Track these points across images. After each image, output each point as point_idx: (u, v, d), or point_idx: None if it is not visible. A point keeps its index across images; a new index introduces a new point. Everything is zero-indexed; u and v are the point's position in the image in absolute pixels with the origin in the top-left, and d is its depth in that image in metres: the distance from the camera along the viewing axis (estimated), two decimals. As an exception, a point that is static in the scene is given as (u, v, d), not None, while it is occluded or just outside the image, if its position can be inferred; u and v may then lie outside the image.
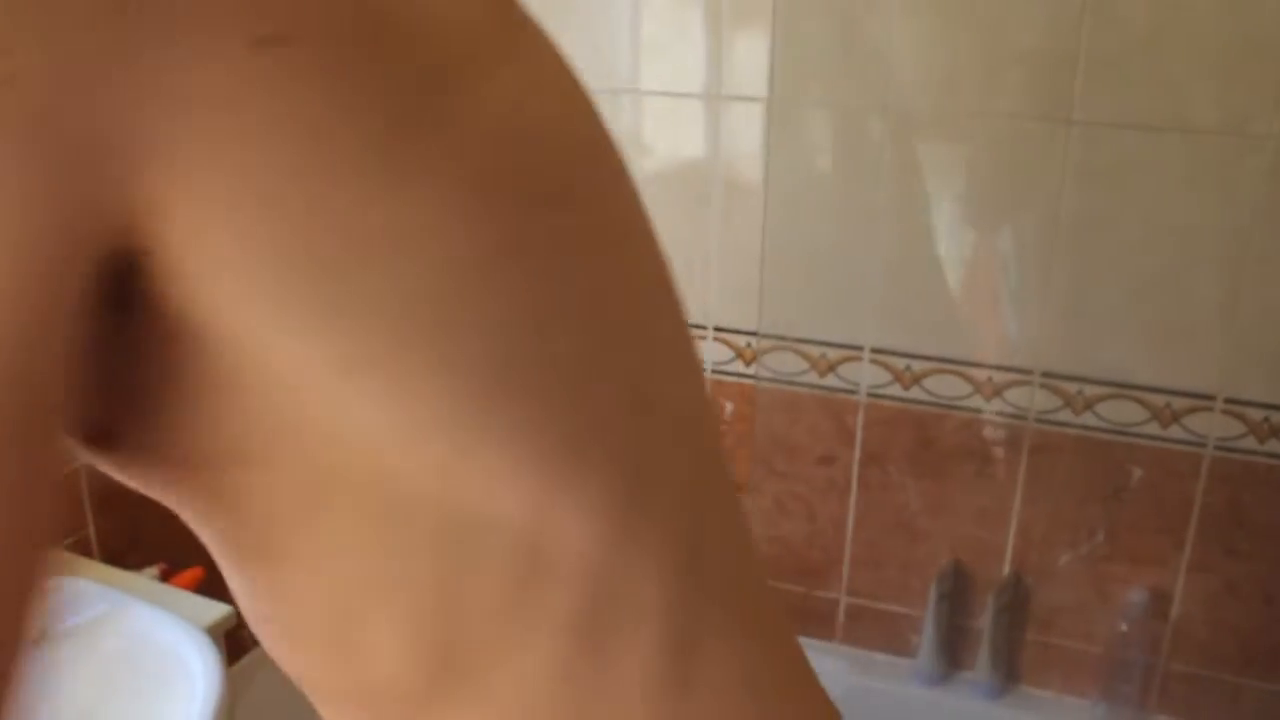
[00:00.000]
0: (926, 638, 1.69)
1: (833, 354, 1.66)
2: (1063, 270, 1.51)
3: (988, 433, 1.62)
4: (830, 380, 1.67)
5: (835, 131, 1.61)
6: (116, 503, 1.42)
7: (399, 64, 0.28)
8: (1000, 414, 1.60)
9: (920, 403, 1.63)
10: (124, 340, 0.28)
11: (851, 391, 1.66)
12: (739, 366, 1.72)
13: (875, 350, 1.63)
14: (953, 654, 1.72)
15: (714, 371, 1.72)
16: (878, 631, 1.78)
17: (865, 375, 1.65)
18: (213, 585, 1.52)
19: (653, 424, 0.37)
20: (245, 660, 1.47)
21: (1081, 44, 1.41)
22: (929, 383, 1.62)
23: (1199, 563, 1.56)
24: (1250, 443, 1.49)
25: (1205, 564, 1.55)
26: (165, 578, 1.38)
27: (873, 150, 1.56)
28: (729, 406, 1.74)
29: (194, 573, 1.39)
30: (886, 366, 1.63)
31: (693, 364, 0.42)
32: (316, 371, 0.28)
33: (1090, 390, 1.55)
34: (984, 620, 1.67)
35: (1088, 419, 1.55)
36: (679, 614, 0.36)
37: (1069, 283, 1.51)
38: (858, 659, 1.76)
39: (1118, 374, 1.53)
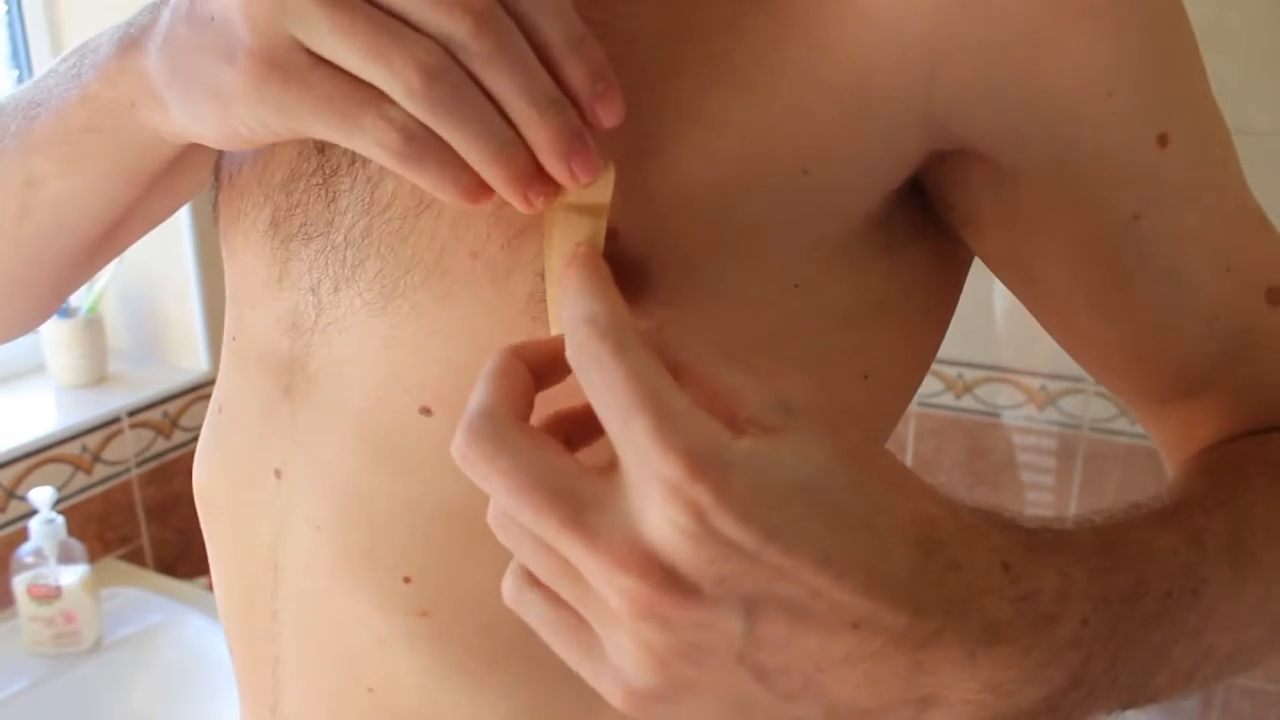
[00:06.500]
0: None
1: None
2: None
3: (1041, 442, 1.59)
4: (879, 389, 1.65)
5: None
6: (169, 513, 1.43)
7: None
8: (1054, 423, 1.58)
9: (972, 411, 1.61)
10: None
11: (901, 400, 1.64)
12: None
13: (925, 358, 1.61)
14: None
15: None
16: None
17: (915, 384, 1.63)
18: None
19: None
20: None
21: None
22: (981, 391, 1.60)
23: (1261, 574, 1.52)
24: (1314, 451, 1.45)
25: (1267, 575, 1.52)
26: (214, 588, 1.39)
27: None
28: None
29: (245, 583, 1.39)
30: (938, 375, 1.61)
31: None
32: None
33: (1147, 398, 1.52)
34: (1038, 632, 1.64)
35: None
36: None
37: (1124, 289, 1.49)
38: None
39: (1175, 381, 1.50)
